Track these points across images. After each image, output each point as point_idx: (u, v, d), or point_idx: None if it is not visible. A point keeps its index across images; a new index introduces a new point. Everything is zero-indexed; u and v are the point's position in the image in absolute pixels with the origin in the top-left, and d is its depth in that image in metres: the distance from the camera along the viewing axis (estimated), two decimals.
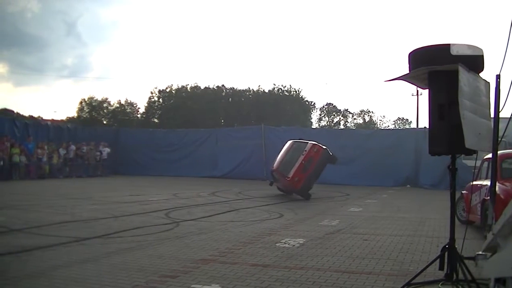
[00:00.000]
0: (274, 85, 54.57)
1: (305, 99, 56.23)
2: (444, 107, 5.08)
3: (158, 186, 22.55)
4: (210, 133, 32.51)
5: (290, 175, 17.30)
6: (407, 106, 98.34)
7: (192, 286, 5.26)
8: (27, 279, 5.32)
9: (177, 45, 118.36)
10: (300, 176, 17.28)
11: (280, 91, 53.90)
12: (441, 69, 5.06)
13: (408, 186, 26.28)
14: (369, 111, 72.72)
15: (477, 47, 5.19)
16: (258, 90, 53.86)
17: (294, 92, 54.56)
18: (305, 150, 17.88)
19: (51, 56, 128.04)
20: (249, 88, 54.29)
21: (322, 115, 70.65)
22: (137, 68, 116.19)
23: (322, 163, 18.46)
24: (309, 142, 18.67)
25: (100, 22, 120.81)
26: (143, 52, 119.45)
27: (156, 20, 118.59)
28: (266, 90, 53.68)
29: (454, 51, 4.98)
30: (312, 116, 61.18)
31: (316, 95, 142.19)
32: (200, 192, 19.17)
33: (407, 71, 5.40)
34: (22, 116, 59.31)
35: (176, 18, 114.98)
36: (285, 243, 8.08)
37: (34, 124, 34.52)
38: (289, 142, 20.10)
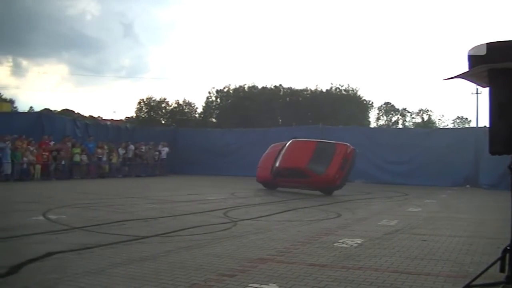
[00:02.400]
0: (332, 84, 54.33)
1: (363, 98, 55.58)
2: (505, 105, 4.90)
3: (215, 185, 22.84)
4: (268, 133, 32.65)
5: (327, 172, 19.08)
6: (466, 105, 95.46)
7: (250, 285, 5.27)
8: (88, 275, 5.46)
9: (235, 45, 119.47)
10: (340, 173, 19.35)
11: (337, 90, 53.54)
12: (501, 67, 4.88)
13: (468, 186, 25.78)
14: (427, 110, 71.05)
15: None
16: (316, 89, 53.80)
17: (352, 91, 54.06)
18: (338, 150, 19.91)
19: (109, 57, 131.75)
20: (306, 87, 54.34)
21: (380, 114, 69.72)
22: (194, 68, 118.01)
23: (354, 162, 20.37)
24: (336, 142, 20.58)
25: (156, 22, 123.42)
26: (200, 52, 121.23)
27: (213, 20, 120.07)
28: (324, 90, 53.56)
29: None
30: (370, 115, 60.28)
31: (374, 94, 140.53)
32: (257, 191, 19.27)
33: (467, 69, 5.23)
34: (83, 116, 61.38)
35: (233, 17, 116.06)
36: (342, 243, 8.01)
37: (94, 124, 35.71)
38: (299, 141, 21.58)
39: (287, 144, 21.17)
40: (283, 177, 20.08)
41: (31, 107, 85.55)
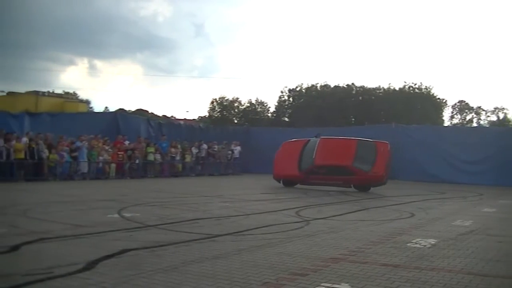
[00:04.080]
0: (405, 82, 53.31)
1: (437, 97, 54.09)
2: None
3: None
4: (340, 132, 32.44)
5: (375, 170, 19.73)
6: None
7: (322, 284, 5.25)
8: (161, 273, 5.60)
9: (307, 43, 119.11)
10: (387, 171, 20.24)
11: (411, 88, 52.54)
12: None
13: None
14: (503, 108, 68.00)
15: None
16: (389, 88, 53.18)
17: (425, 90, 52.80)
18: (380, 148, 20.58)
19: (181, 57, 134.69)
20: (379, 86, 53.81)
21: (454, 113, 67.54)
22: (266, 67, 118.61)
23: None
24: (375, 140, 21.15)
25: (227, 22, 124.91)
26: (272, 51, 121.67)
27: (284, 18, 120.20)
28: (397, 88, 52.78)
29: None
30: (443, 114, 58.52)
31: (448, 92, 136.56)
32: (330, 190, 19.18)
33: None
34: (156, 116, 62.95)
35: (305, 16, 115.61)
36: (416, 243, 7.89)
37: (168, 124, 36.60)
38: (334, 139, 22.26)
39: (318, 142, 21.22)
40: (320, 175, 20.15)
41: (106, 107, 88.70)
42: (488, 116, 68.34)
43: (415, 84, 52.92)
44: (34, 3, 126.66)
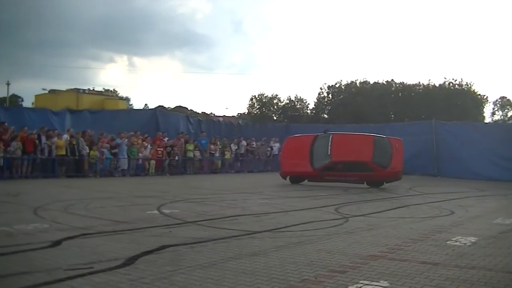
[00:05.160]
0: (445, 78, 52.56)
1: (478, 93, 53.05)
2: None
3: None
4: (380, 129, 32.33)
5: (393, 166, 19.61)
6: None
7: (361, 281, 5.23)
8: (200, 269, 5.66)
9: (346, 40, 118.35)
10: (402, 167, 20.31)
11: (451, 85, 51.74)
12: None
13: None
14: None
15: None
16: (429, 84, 52.57)
17: (466, 86, 51.89)
18: (394, 143, 20.30)
19: (220, 54, 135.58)
20: (419, 82, 53.30)
21: (495, 109, 66.17)
22: (305, 64, 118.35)
23: None
24: (387, 136, 20.98)
25: (266, 19, 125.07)
26: (311, 47, 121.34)
27: (323, 15, 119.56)
28: (437, 84, 52.13)
29: None
30: (484, 110, 57.34)
31: (489, 88, 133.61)
32: (369, 187, 19.05)
33: None
34: (195, 113, 63.53)
35: (344, 12, 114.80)
36: (456, 241, 7.77)
37: (207, 121, 36.86)
38: (347, 135, 22.85)
39: (331, 138, 20.73)
40: (336, 171, 19.93)
41: (145, 105, 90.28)
42: None
43: (455, 80, 52.23)
44: (74, 2, 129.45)
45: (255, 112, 57.55)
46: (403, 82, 53.74)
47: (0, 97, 74.22)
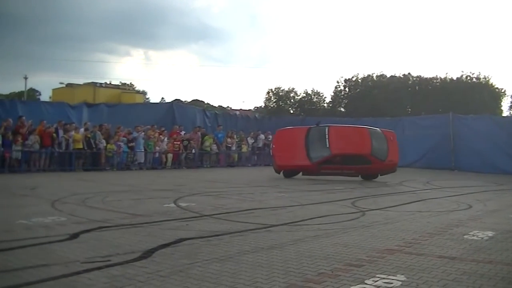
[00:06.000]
0: (463, 72, 52.08)
1: (496, 86, 52.47)
2: None
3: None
4: (397, 122, 32.40)
5: (390, 158, 19.68)
6: None
7: (377, 275, 5.21)
8: (216, 262, 5.69)
9: (363, 33, 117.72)
10: (398, 159, 20.54)
11: (468, 78, 51.28)
12: None
13: None
14: None
15: None
16: (446, 77, 52.07)
17: (484, 79, 51.37)
18: (388, 136, 20.30)
19: (236, 47, 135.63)
20: (436, 75, 52.77)
21: None
22: (322, 57, 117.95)
23: None
24: (381, 128, 20.89)
25: (282, 12, 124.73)
26: (328, 41, 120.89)
27: (340, 8, 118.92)
28: (454, 78, 51.63)
29: None
30: (502, 104, 56.66)
31: (508, 81, 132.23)
32: (386, 181, 18.97)
33: None
34: (212, 106, 63.65)
35: (361, 5, 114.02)
36: (473, 236, 7.72)
37: (224, 114, 36.99)
38: (343, 127, 22.34)
39: (328, 130, 20.18)
40: (334, 164, 19.63)
41: (162, 98, 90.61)
42: None
43: (473, 74, 51.71)
44: None
45: (272, 106, 57.53)
46: (420, 76, 53.39)
47: (18, 91, 74.97)
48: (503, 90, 54.40)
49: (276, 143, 21.74)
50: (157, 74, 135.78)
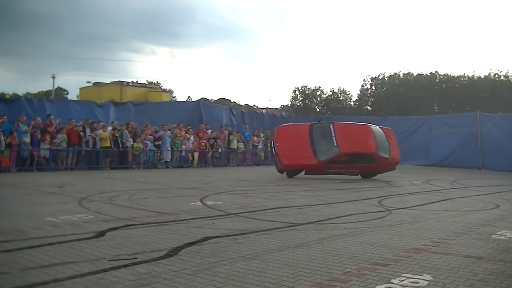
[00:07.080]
0: (490, 70, 51.79)
1: None
2: None
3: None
4: (423, 121, 32.16)
5: (393, 156, 19.72)
6: None
7: (404, 275, 5.18)
8: (242, 260, 5.70)
9: (390, 31, 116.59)
10: (399, 156, 20.46)
11: (496, 76, 50.60)
12: None
13: None
14: None
15: None
16: (473, 76, 51.74)
17: None
18: (387, 133, 20.28)
19: (262, 46, 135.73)
20: (463, 74, 52.67)
21: None
22: (348, 55, 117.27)
23: None
24: (380, 126, 20.90)
25: (308, 10, 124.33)
26: (354, 39, 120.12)
27: (366, 7, 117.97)
28: (482, 76, 51.17)
29: None
30: None
31: None
32: (413, 180, 18.82)
33: None
34: (238, 105, 63.83)
35: (387, 4, 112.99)
36: (500, 235, 7.60)
37: (250, 113, 37.03)
38: (346, 124, 21.75)
39: (333, 128, 19.76)
40: (341, 163, 19.11)
41: (189, 97, 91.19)
42: None
43: (501, 72, 51.16)
44: None
45: (298, 104, 57.61)
46: (447, 74, 53.42)
47: (46, 90, 76.14)
48: None
49: (279, 141, 20.44)
50: (183, 72, 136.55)
